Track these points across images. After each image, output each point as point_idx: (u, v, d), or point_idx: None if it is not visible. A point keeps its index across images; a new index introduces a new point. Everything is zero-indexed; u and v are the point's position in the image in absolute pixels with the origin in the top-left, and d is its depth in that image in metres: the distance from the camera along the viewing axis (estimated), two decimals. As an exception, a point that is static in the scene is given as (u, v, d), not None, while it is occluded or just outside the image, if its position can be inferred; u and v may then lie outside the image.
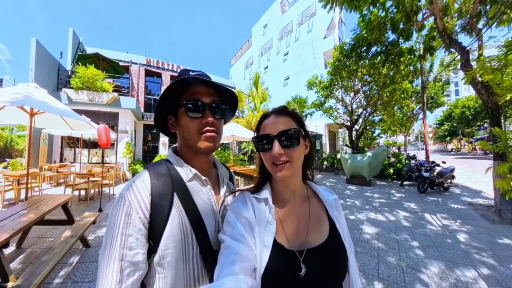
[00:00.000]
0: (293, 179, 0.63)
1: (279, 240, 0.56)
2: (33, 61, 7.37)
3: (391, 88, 8.87)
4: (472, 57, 4.91)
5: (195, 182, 0.63)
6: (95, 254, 2.73)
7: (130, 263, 0.48)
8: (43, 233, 3.31)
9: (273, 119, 0.61)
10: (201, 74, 0.64)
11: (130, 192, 0.53)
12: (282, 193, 0.64)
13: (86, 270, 2.40)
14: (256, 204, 0.60)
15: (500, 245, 3.07)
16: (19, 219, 2.06)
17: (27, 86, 3.16)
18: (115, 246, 0.48)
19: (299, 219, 0.61)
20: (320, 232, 0.60)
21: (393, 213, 4.50)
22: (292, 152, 0.58)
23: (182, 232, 0.55)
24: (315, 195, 0.68)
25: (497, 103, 3.94)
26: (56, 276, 2.25)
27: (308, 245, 0.57)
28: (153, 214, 0.53)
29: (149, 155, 13.28)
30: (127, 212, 0.50)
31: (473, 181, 8.17)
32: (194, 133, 0.61)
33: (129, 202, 0.51)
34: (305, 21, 19.85)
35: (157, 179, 0.57)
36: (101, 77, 8.43)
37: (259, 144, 0.61)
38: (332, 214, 0.63)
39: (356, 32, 7.08)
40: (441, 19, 4.81)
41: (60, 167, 7.20)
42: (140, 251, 0.50)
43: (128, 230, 0.49)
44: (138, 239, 0.50)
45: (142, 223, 0.51)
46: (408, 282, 2.25)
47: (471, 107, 29.90)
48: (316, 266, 0.54)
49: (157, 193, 0.54)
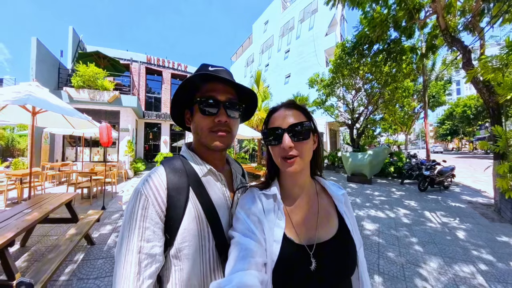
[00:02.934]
0: (302, 175, 0.62)
1: (288, 235, 0.56)
2: (33, 60, 7.38)
3: (393, 86, 8.84)
4: (474, 56, 4.88)
5: (210, 177, 0.64)
6: (99, 251, 2.77)
7: (147, 255, 0.49)
8: (47, 231, 3.35)
9: (282, 112, 0.60)
10: (221, 70, 0.63)
11: (146, 186, 0.53)
12: (290, 189, 0.64)
13: (91, 267, 2.43)
14: (265, 201, 0.61)
15: (498, 242, 3.11)
16: (23, 218, 2.09)
17: (28, 85, 3.18)
18: (132, 239, 0.48)
19: (308, 214, 0.61)
20: (329, 227, 0.60)
21: (393, 211, 4.53)
22: (302, 146, 0.57)
23: (198, 225, 0.55)
24: (323, 191, 0.68)
25: (498, 102, 3.94)
26: (62, 274, 2.29)
27: (317, 239, 0.57)
28: (170, 208, 0.54)
29: (150, 153, 13.32)
30: (144, 205, 0.51)
31: (473, 180, 8.17)
32: (206, 131, 0.61)
33: (146, 196, 0.52)
34: (306, 18, 19.71)
35: (173, 173, 0.58)
36: (102, 75, 8.44)
37: (268, 138, 0.60)
38: (341, 209, 0.63)
39: (358, 30, 7.02)
40: (443, 17, 4.78)
41: (62, 166, 7.26)
42: (157, 243, 0.51)
43: (145, 223, 0.50)
44: (155, 232, 0.51)
45: (159, 217, 0.52)
46: (408, 276, 2.30)
47: (472, 106, 29.79)
48: (326, 260, 0.55)
49: (173, 188, 0.55)
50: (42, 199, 2.74)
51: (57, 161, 8.66)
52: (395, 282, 2.21)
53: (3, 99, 2.56)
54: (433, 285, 2.18)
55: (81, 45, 11.51)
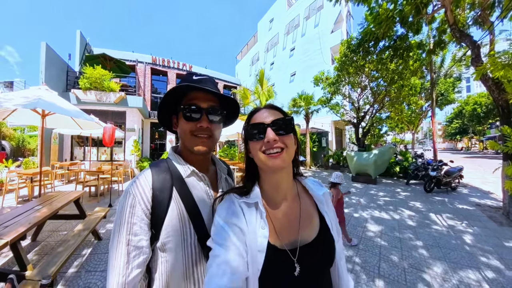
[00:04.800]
0: (283, 176, 0.61)
1: (272, 242, 0.56)
2: (43, 64, 7.61)
3: (399, 84, 8.64)
4: (484, 52, 4.72)
5: (193, 178, 0.69)
6: (106, 246, 2.87)
7: (135, 247, 0.55)
8: (57, 227, 3.49)
9: (264, 112, 0.61)
10: (205, 79, 0.69)
11: (134, 187, 0.59)
12: (272, 193, 0.63)
13: (99, 260, 2.55)
14: (246, 209, 0.58)
15: (506, 248, 2.99)
16: (34, 214, 2.20)
17: (38, 89, 3.30)
18: (122, 233, 0.55)
19: (290, 218, 0.61)
20: (311, 229, 0.60)
21: (397, 212, 4.46)
22: (287, 139, 0.57)
23: (180, 221, 0.61)
24: (304, 191, 0.67)
25: (508, 100, 3.80)
26: (71, 266, 2.41)
27: (300, 242, 0.57)
28: (154, 206, 0.59)
29: (157, 152, 13.54)
30: (132, 204, 0.57)
31: (482, 182, 7.90)
32: (188, 135, 0.67)
33: (133, 195, 0.58)
34: (312, 15, 19.45)
35: (158, 175, 0.63)
36: (108, 77, 8.61)
37: (251, 133, 0.59)
38: (322, 209, 0.63)
39: (364, 26, 6.88)
40: (451, 12, 4.63)
41: (71, 165, 7.49)
42: (143, 237, 0.57)
43: (132, 219, 0.56)
44: (142, 227, 0.57)
45: (145, 214, 0.58)
46: (409, 281, 2.26)
47: (482, 104, 28.71)
48: (309, 263, 0.55)
49: (158, 188, 0.61)
50: (52, 196, 2.86)
51: (66, 160, 8.92)
52: (395, 287, 2.18)
53: (14, 103, 2.67)
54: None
55: (88, 48, 11.77)
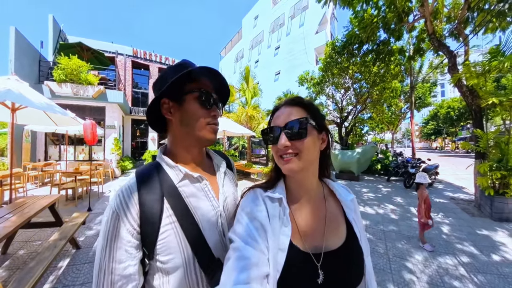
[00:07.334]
0: (306, 176, 0.59)
1: (294, 241, 0.53)
2: (12, 52, 6.82)
3: (381, 86, 9.08)
4: (459, 61, 5.11)
5: (187, 182, 0.61)
6: (85, 255, 2.67)
7: (120, 276, 0.48)
8: (30, 236, 3.17)
9: (283, 110, 0.58)
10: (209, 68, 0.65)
11: (117, 202, 0.52)
12: (296, 191, 0.60)
13: (77, 272, 2.34)
14: (270, 204, 0.57)
15: (479, 236, 3.35)
16: (4, 224, 1.97)
17: (7, 79, 2.98)
18: (104, 260, 0.48)
19: (315, 220, 0.58)
20: (337, 235, 0.57)
21: (380, 207, 4.72)
22: (300, 144, 0.54)
23: (177, 239, 0.53)
24: (331, 194, 0.64)
25: (480, 105, 4.16)
26: (46, 282, 2.18)
27: (325, 248, 0.54)
28: (143, 224, 0.51)
29: (138, 151, 12.95)
30: (115, 225, 0.50)
31: (456, 178, 8.62)
32: (202, 122, 0.61)
33: (117, 213, 0.50)
34: (297, 14, 19.71)
35: (145, 186, 0.55)
36: (86, 68, 8.02)
37: (267, 137, 0.59)
38: (350, 216, 0.60)
39: (348, 29, 7.11)
40: (431, 22, 4.95)
41: (45, 166, 6.90)
42: (130, 263, 0.49)
43: (116, 243, 0.49)
44: (128, 251, 0.49)
45: (131, 235, 0.50)
46: (394, 269, 2.45)
47: (455, 108, 31.20)
48: (335, 272, 0.52)
49: (145, 202, 0.53)
50: (24, 202, 2.60)
51: (39, 160, 8.17)
52: (381, 275, 2.34)
53: (-22, 96, 2.38)
54: (418, 277, 2.31)
55: (62, 36, 10.80)
